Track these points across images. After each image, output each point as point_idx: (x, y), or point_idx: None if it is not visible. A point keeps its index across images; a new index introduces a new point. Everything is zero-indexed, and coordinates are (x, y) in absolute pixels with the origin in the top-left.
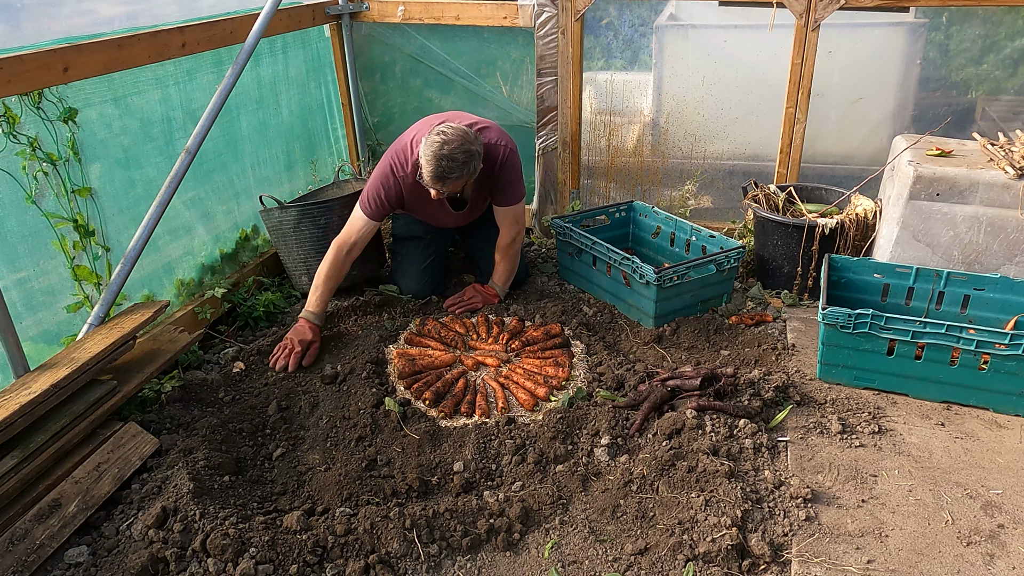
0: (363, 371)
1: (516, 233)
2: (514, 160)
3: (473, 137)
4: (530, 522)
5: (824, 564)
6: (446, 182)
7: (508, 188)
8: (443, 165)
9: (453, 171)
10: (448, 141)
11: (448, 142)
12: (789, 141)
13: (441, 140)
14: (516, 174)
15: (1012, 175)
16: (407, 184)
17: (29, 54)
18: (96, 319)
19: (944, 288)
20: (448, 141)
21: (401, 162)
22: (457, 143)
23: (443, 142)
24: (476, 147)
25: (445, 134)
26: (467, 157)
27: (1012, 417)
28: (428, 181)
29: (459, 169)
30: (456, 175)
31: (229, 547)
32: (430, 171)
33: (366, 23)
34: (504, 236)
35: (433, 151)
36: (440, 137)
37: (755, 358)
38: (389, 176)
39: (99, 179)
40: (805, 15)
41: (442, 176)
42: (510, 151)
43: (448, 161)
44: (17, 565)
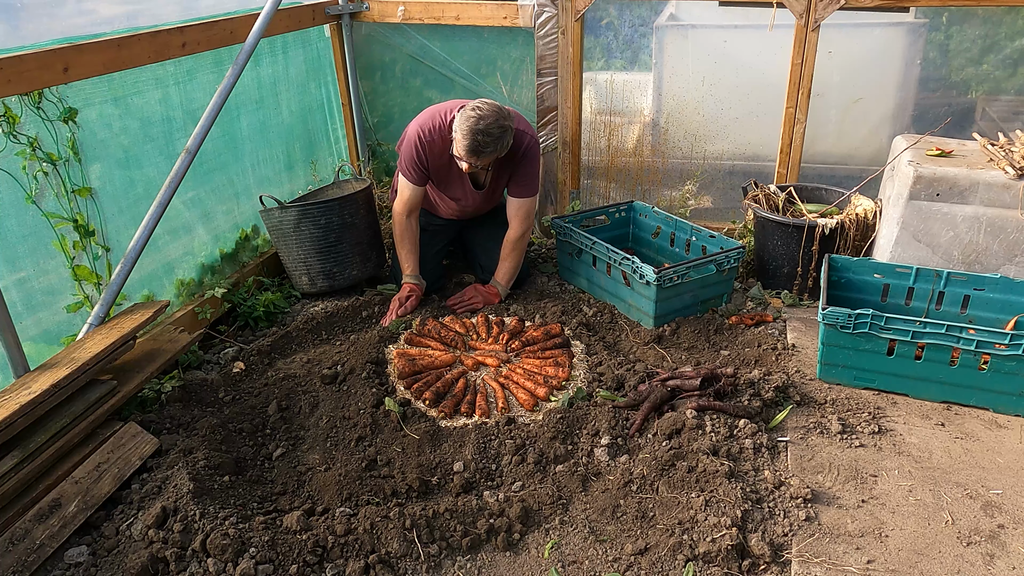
0: (363, 371)
1: (526, 229)
2: (536, 151)
3: (507, 113)
4: (530, 522)
5: (824, 564)
6: (480, 156)
7: (527, 179)
8: (479, 140)
9: (488, 145)
10: (484, 116)
11: (484, 117)
12: (789, 141)
13: (477, 115)
14: (536, 167)
15: (1012, 175)
16: (434, 150)
17: (29, 54)
18: (96, 319)
19: (944, 288)
20: (484, 116)
21: (428, 129)
22: (492, 118)
23: (479, 117)
24: (509, 123)
25: (480, 109)
26: (501, 132)
27: (1012, 417)
28: (463, 155)
29: (494, 143)
30: (491, 149)
31: (229, 547)
32: (465, 145)
33: (366, 23)
34: (514, 230)
35: (469, 126)
36: (476, 112)
37: (755, 358)
38: (416, 143)
39: (99, 179)
40: (805, 15)
41: (477, 150)
42: (534, 141)
43: (484, 135)
44: (17, 565)
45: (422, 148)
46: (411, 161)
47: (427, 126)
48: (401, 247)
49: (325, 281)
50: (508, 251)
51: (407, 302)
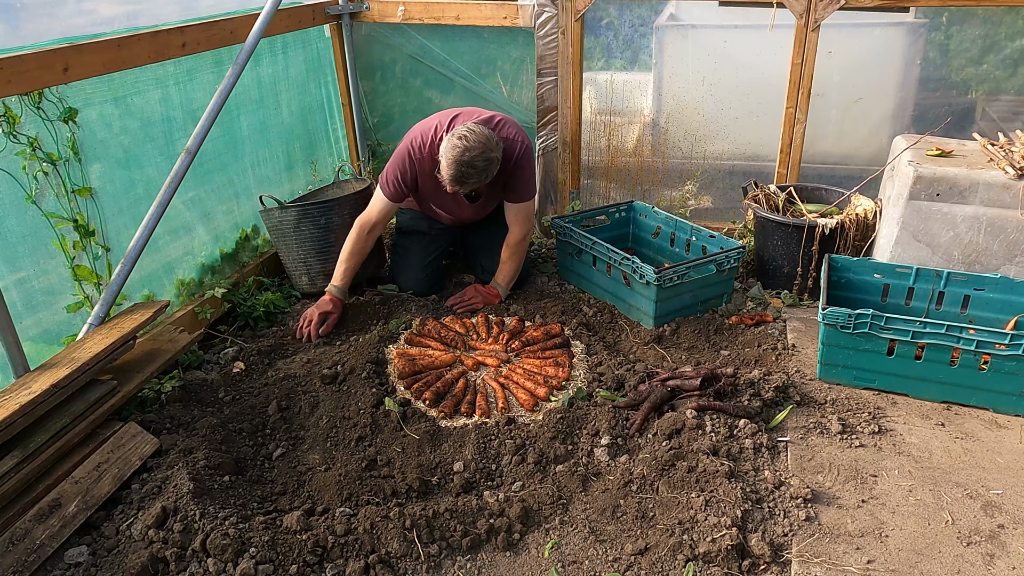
0: (363, 371)
1: (526, 231)
2: (529, 157)
3: (495, 144)
4: (530, 522)
5: (824, 564)
6: (464, 185)
7: (521, 185)
8: (463, 171)
9: (471, 176)
10: (470, 148)
11: (469, 148)
12: (789, 141)
13: (463, 146)
14: (530, 171)
15: (1012, 175)
16: (424, 168)
17: (29, 54)
18: (96, 319)
19: (944, 288)
20: (470, 148)
21: (418, 146)
22: (478, 150)
23: (465, 148)
24: (496, 153)
25: (467, 139)
26: (486, 164)
27: (1012, 417)
28: (447, 182)
29: (478, 175)
30: (474, 180)
31: (229, 547)
32: (450, 175)
33: (366, 23)
34: (515, 233)
35: (454, 156)
36: (463, 143)
37: (755, 358)
38: (405, 159)
39: (99, 179)
40: (805, 15)
41: (461, 180)
42: (526, 148)
43: (468, 167)
44: (17, 565)
45: (409, 167)
46: (394, 176)
47: (417, 142)
48: (346, 259)
49: (325, 281)
50: (508, 254)
51: (328, 319)
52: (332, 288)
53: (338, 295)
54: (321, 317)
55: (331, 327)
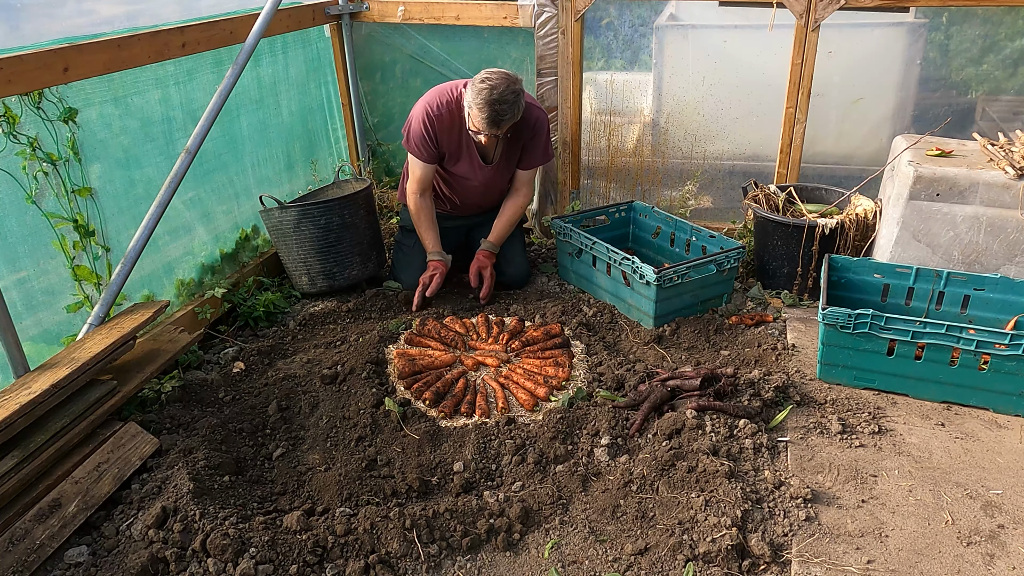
0: (363, 371)
1: (528, 198)
2: (545, 122)
3: (515, 77)
4: (530, 522)
5: (824, 564)
6: (501, 124)
7: (540, 152)
8: (496, 109)
9: (506, 112)
10: (495, 85)
11: (496, 86)
12: (789, 141)
13: (489, 86)
14: (547, 136)
15: (1012, 175)
16: (443, 125)
17: (29, 54)
18: (96, 319)
19: (944, 288)
20: (495, 85)
21: (436, 105)
22: (504, 85)
23: (492, 87)
24: (519, 85)
25: (490, 79)
26: (515, 96)
27: (1012, 417)
28: (483, 127)
29: (510, 109)
30: (509, 116)
31: (229, 547)
32: (484, 117)
33: (366, 23)
34: (524, 196)
35: (484, 98)
36: (487, 83)
37: (755, 358)
38: (424, 120)
39: (99, 179)
40: (805, 15)
41: (497, 120)
42: (543, 113)
43: (500, 104)
44: (17, 565)
45: (431, 124)
46: (420, 140)
47: (435, 102)
48: (420, 225)
49: (325, 281)
50: (513, 215)
51: (432, 282)
52: (431, 255)
53: (439, 258)
54: (427, 281)
55: (436, 288)
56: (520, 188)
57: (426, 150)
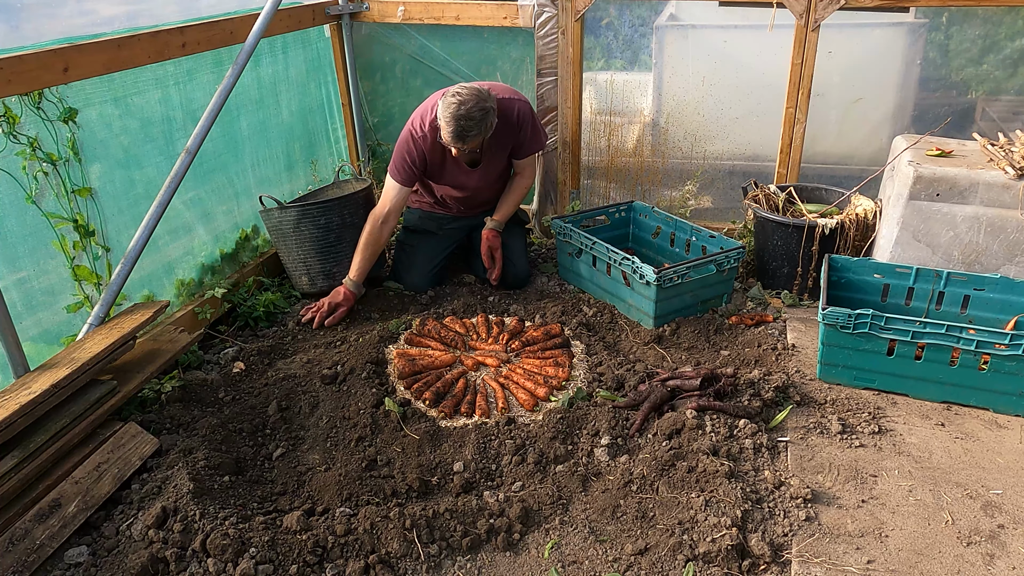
0: (363, 371)
1: (532, 178)
2: (529, 112)
3: (487, 95)
4: (530, 522)
5: (824, 564)
6: (466, 140)
7: (531, 142)
8: (462, 124)
9: (471, 129)
10: (464, 101)
11: (464, 102)
12: (789, 141)
13: (457, 101)
14: (536, 125)
15: (1012, 175)
16: (427, 146)
17: (29, 54)
18: (96, 319)
19: (944, 288)
20: (464, 101)
21: (419, 125)
22: (473, 102)
23: (459, 103)
24: (490, 103)
25: (460, 95)
26: (483, 114)
27: (1012, 417)
28: (449, 141)
29: (476, 127)
30: (475, 132)
31: (229, 547)
32: (450, 131)
33: (366, 23)
34: (527, 177)
35: (451, 112)
36: (456, 98)
37: (755, 358)
38: (409, 141)
39: (99, 179)
40: (805, 15)
41: (462, 135)
42: (525, 105)
43: (466, 120)
44: (17, 565)
45: (414, 146)
46: (401, 160)
47: (417, 123)
48: (362, 252)
49: (325, 281)
50: (518, 195)
51: (337, 311)
52: (347, 281)
53: (352, 289)
54: (331, 307)
55: (338, 319)
56: (523, 170)
57: (405, 171)
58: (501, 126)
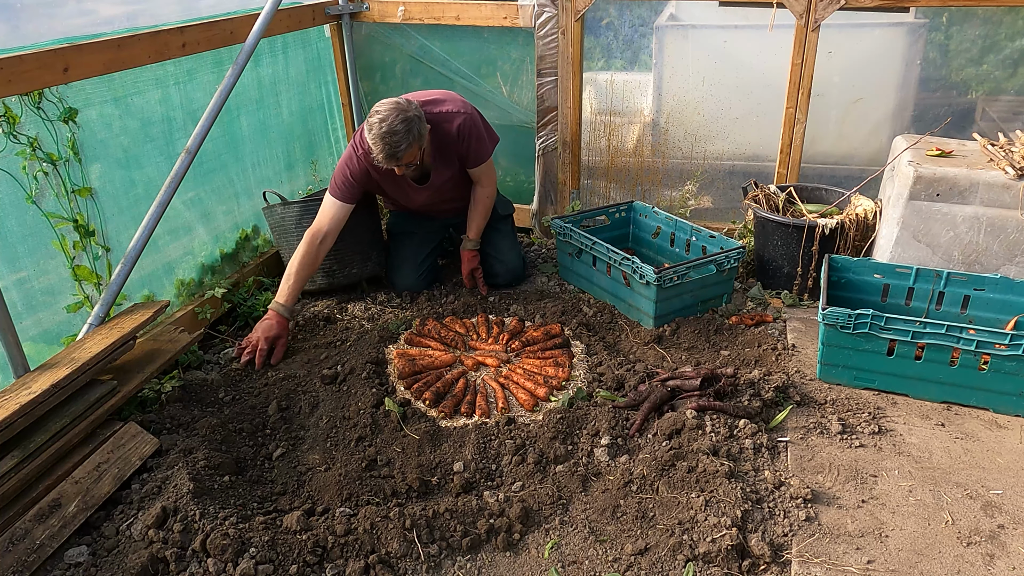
0: (363, 371)
1: (494, 184)
2: (472, 123)
3: (405, 104)
4: (530, 522)
5: (824, 564)
6: (399, 156)
7: (473, 154)
8: (388, 141)
9: (399, 144)
10: (384, 118)
11: (384, 119)
12: (789, 141)
13: (378, 120)
14: (480, 135)
15: (1012, 175)
16: (370, 161)
17: (29, 54)
18: (96, 319)
19: (944, 288)
20: (384, 118)
21: (360, 140)
22: (392, 115)
23: (379, 120)
24: (412, 112)
25: (379, 112)
26: (407, 125)
27: (1012, 417)
28: (383, 162)
29: (404, 139)
30: (404, 146)
31: (229, 547)
32: (380, 151)
33: (366, 23)
34: (485, 186)
35: (375, 133)
36: (375, 117)
37: (755, 358)
38: (352, 156)
39: (99, 179)
40: (805, 15)
41: (393, 152)
42: (465, 116)
43: (391, 136)
44: (17, 565)
45: (356, 163)
46: (342, 177)
47: (358, 138)
48: (294, 273)
49: (325, 279)
50: (483, 207)
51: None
52: (276, 306)
53: (284, 314)
54: (269, 343)
55: (281, 354)
56: (479, 179)
57: (341, 187)
58: (442, 140)
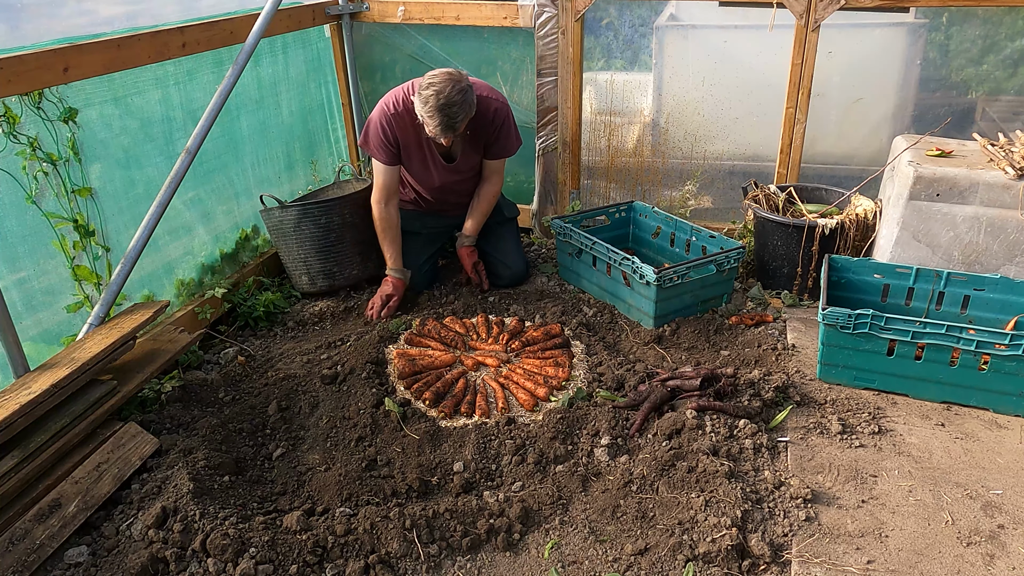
0: (363, 371)
1: (500, 186)
2: (506, 113)
3: (458, 74)
4: (530, 522)
5: (824, 564)
6: (456, 127)
7: (506, 143)
8: (447, 113)
9: (458, 114)
10: (440, 90)
11: (441, 91)
12: (789, 141)
13: (435, 92)
14: (511, 126)
15: (1012, 175)
16: (402, 124)
17: (29, 54)
18: (96, 319)
19: (944, 288)
20: (440, 90)
21: (392, 104)
22: (448, 86)
23: (437, 92)
24: (465, 83)
25: (434, 84)
26: (463, 95)
27: (1012, 417)
28: (439, 134)
29: (462, 109)
30: (462, 116)
31: (229, 547)
32: (437, 123)
33: (366, 23)
34: (494, 184)
35: (432, 105)
36: (432, 89)
37: (755, 358)
38: (382, 120)
39: (99, 179)
40: (805, 15)
41: (451, 124)
42: (502, 105)
43: (450, 107)
44: (17, 565)
45: (388, 126)
46: (379, 142)
47: (390, 102)
48: (383, 238)
49: (325, 281)
50: (486, 205)
51: (391, 302)
52: (390, 271)
53: (396, 275)
54: (384, 300)
55: (393, 310)
56: (490, 176)
57: (387, 152)
58: (477, 122)
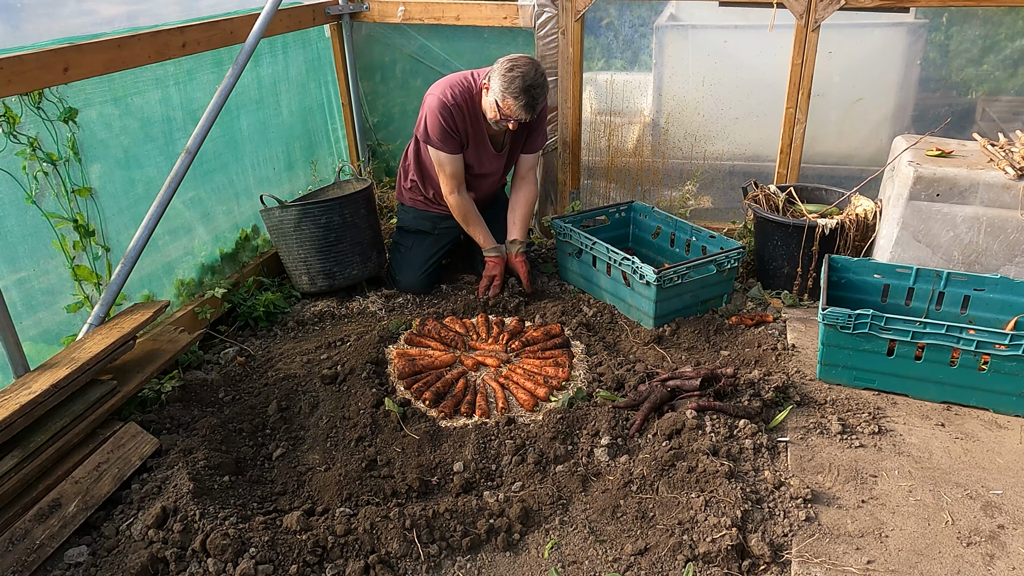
0: (363, 371)
1: (536, 182)
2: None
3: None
4: (530, 522)
5: (824, 564)
6: (538, 108)
7: (543, 132)
8: (532, 94)
9: (540, 97)
10: (526, 73)
11: (527, 73)
12: (789, 141)
13: (521, 74)
14: (545, 119)
15: (1012, 175)
16: (465, 113)
17: (29, 54)
18: (96, 319)
19: (944, 288)
20: (526, 73)
21: (452, 95)
22: (532, 69)
23: (523, 74)
24: (543, 66)
25: (519, 66)
26: (544, 79)
27: (1012, 417)
28: (519, 115)
29: (543, 92)
30: (542, 99)
31: (229, 547)
32: (522, 104)
33: (366, 23)
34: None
35: (519, 86)
36: (518, 71)
37: (755, 358)
38: (444, 111)
39: (99, 179)
40: (805, 15)
41: (534, 105)
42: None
43: (535, 89)
44: (17, 565)
45: (450, 115)
46: (442, 132)
47: (449, 92)
48: (467, 224)
49: (325, 281)
50: (528, 208)
51: (494, 282)
52: (486, 252)
53: (493, 254)
54: (489, 280)
55: (498, 288)
56: (527, 175)
57: (451, 142)
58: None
